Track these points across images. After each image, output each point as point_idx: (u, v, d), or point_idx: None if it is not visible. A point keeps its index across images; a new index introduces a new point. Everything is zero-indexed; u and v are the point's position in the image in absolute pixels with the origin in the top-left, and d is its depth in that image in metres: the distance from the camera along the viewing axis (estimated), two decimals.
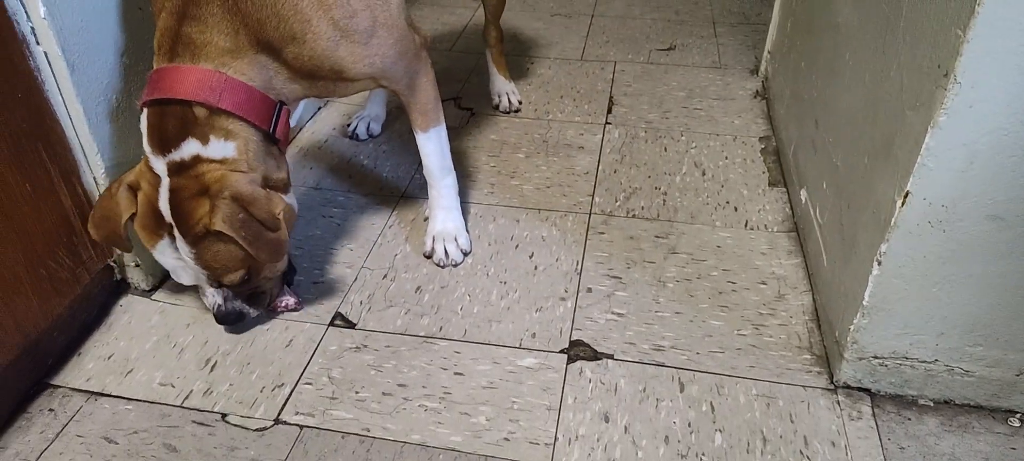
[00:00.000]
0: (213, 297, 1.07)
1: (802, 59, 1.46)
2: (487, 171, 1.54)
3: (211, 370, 1.08)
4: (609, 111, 1.77)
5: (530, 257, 1.29)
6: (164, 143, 0.95)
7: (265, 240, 0.97)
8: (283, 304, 1.16)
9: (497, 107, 1.77)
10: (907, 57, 0.88)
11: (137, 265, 1.18)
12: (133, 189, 0.99)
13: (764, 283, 1.22)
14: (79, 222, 1.08)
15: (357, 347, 1.11)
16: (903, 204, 0.85)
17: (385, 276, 1.26)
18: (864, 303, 0.94)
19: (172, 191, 0.94)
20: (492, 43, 1.75)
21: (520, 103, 1.78)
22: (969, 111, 0.76)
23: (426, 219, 1.31)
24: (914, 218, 0.86)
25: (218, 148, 0.95)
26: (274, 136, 1.01)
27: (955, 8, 0.75)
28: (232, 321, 1.09)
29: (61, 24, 0.96)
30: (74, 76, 1.00)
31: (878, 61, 0.98)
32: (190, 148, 0.94)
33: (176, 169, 0.95)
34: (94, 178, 1.09)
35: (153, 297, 1.21)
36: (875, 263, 0.91)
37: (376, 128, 1.69)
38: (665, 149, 1.61)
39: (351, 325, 1.15)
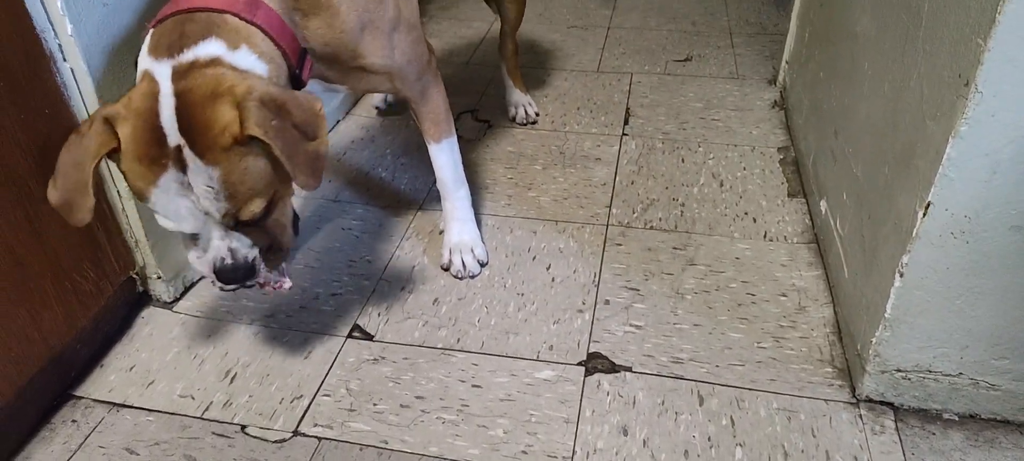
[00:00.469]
0: (218, 247, 0.86)
1: (820, 69, 1.45)
2: (504, 183, 1.54)
3: (231, 382, 1.09)
4: (626, 122, 1.77)
5: (547, 269, 1.29)
6: (173, 46, 0.81)
7: (304, 150, 0.82)
8: (276, 284, 0.98)
9: (514, 119, 1.77)
10: (927, 66, 0.87)
11: (159, 277, 1.20)
12: (110, 122, 0.80)
13: (784, 295, 1.21)
14: (104, 235, 1.10)
15: (375, 359, 1.12)
16: (924, 215, 0.84)
17: (403, 288, 1.26)
18: (886, 315, 0.93)
19: (178, 96, 0.78)
20: (508, 56, 1.76)
21: (537, 115, 1.79)
22: (991, 120, 0.75)
23: (442, 232, 1.32)
24: (936, 229, 0.84)
25: (246, 58, 0.84)
26: (301, 79, 0.94)
27: (975, 17, 0.75)
28: (242, 276, 0.88)
29: (87, 41, 0.99)
30: (99, 92, 1.02)
31: (897, 70, 0.98)
32: (210, 48, 0.82)
33: (183, 73, 0.80)
34: (117, 191, 1.10)
35: (174, 309, 1.22)
36: (897, 275, 0.89)
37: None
38: (682, 160, 1.60)
39: (369, 337, 1.16)
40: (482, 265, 1.29)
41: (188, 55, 0.81)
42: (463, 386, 1.06)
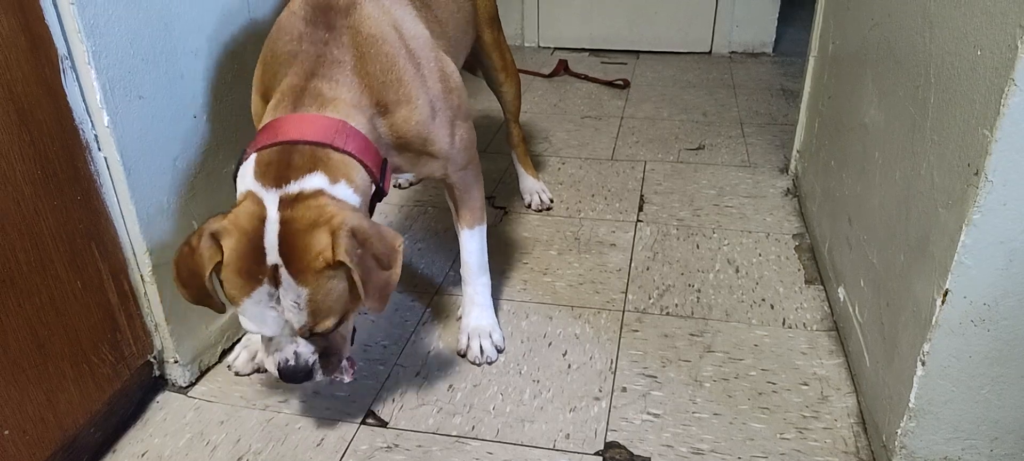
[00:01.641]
0: (286, 350, 0.98)
1: (831, 158, 1.47)
2: (520, 268, 1.56)
3: None
4: (640, 209, 1.79)
5: (563, 355, 1.28)
6: (281, 177, 0.92)
7: (378, 278, 0.93)
8: (339, 379, 1.07)
9: (529, 206, 1.80)
10: (936, 156, 0.88)
11: (176, 361, 1.21)
12: (217, 238, 0.92)
13: (806, 384, 1.19)
14: (124, 318, 1.11)
15: (388, 447, 1.10)
16: (943, 303, 0.83)
17: (417, 373, 1.26)
18: (910, 405, 0.91)
19: (283, 223, 0.90)
20: (516, 143, 1.82)
21: (551, 201, 1.81)
22: (1003, 209, 0.76)
23: (459, 318, 1.32)
24: (956, 317, 0.84)
25: (343, 191, 0.95)
26: (381, 189, 1.03)
27: (980, 109, 0.77)
28: (301, 377, 0.99)
29: (122, 132, 1.03)
30: (130, 179, 1.06)
31: (908, 160, 0.99)
32: (314, 181, 0.92)
33: (289, 203, 0.91)
34: (140, 276, 1.13)
35: (189, 394, 1.22)
36: (919, 363, 0.88)
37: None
38: (697, 246, 1.61)
39: (383, 423, 1.15)
40: (499, 351, 1.29)
41: (294, 187, 0.92)
42: None
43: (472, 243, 1.29)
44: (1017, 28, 0.70)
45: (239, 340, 1.34)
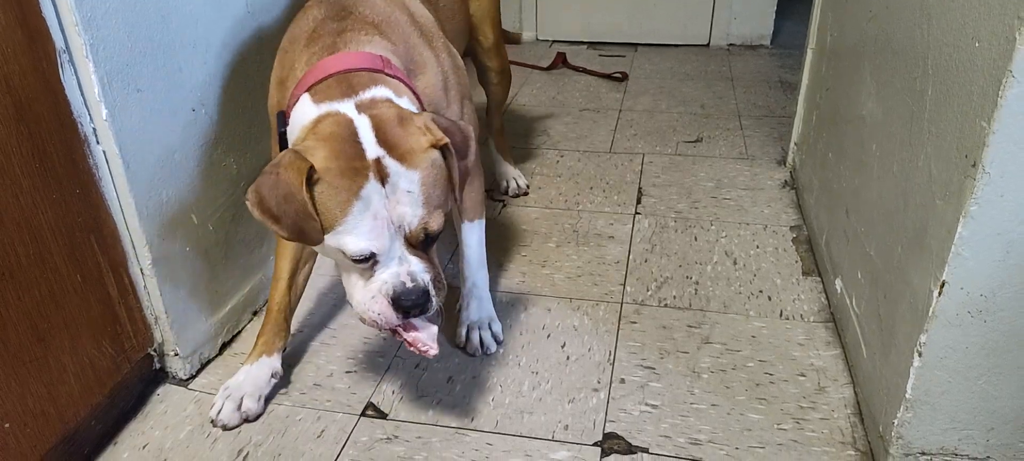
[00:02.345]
0: (397, 272, 0.91)
1: (829, 150, 1.47)
2: (518, 260, 1.56)
3: None
4: (638, 201, 1.79)
5: (562, 347, 1.29)
6: (347, 92, 0.92)
7: (463, 165, 0.95)
8: (425, 347, 0.97)
9: (505, 192, 1.82)
10: (934, 148, 0.89)
11: (177, 354, 1.21)
12: (301, 154, 0.86)
13: (803, 375, 1.20)
14: (124, 311, 1.12)
15: (388, 438, 1.11)
16: (940, 294, 0.84)
17: (417, 366, 1.26)
18: (907, 396, 0.92)
19: (372, 118, 0.89)
20: (496, 131, 1.84)
21: (527, 187, 1.84)
22: (1000, 200, 0.77)
23: (458, 310, 1.33)
24: (953, 308, 0.84)
25: (408, 104, 0.95)
26: None
27: (978, 100, 0.77)
28: (421, 300, 0.92)
29: (121, 125, 1.03)
30: (128, 173, 1.06)
31: (905, 152, 0.99)
32: (381, 91, 0.93)
33: (367, 106, 0.91)
34: (140, 269, 1.13)
35: (190, 386, 1.22)
36: (916, 354, 0.89)
37: None
38: (695, 238, 1.61)
39: (383, 415, 1.15)
40: (498, 343, 1.29)
41: (365, 95, 0.92)
42: None
43: (472, 236, 1.30)
44: (1015, 20, 0.70)
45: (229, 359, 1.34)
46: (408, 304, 0.92)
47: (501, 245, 1.62)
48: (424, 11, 1.17)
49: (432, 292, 0.93)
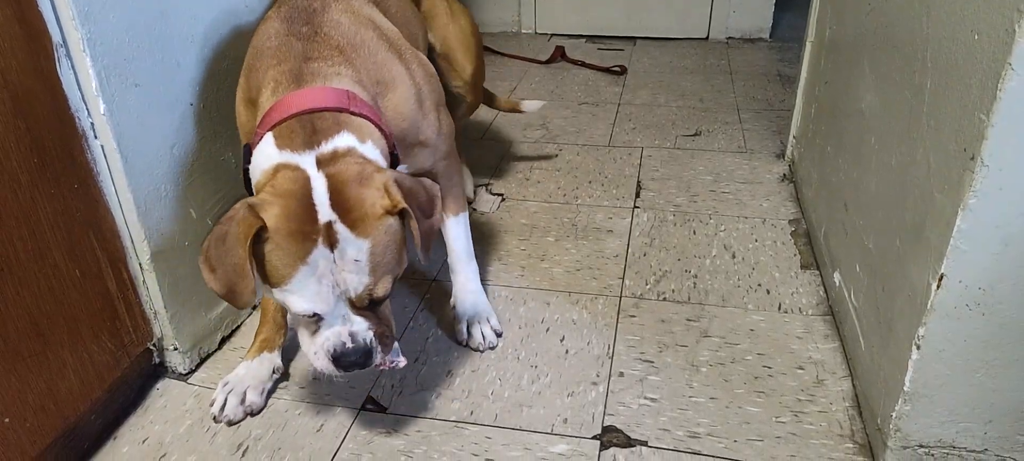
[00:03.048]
0: (339, 331, 0.91)
1: (828, 144, 1.47)
2: (517, 254, 1.56)
3: (243, 455, 1.08)
4: (637, 195, 1.79)
5: (561, 340, 1.29)
6: (310, 141, 0.89)
7: (425, 225, 0.93)
8: (391, 364, 1.01)
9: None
10: (932, 141, 0.89)
11: (176, 348, 1.21)
12: (255, 208, 0.85)
13: (801, 368, 1.20)
14: (123, 306, 1.12)
15: (388, 432, 1.11)
16: (938, 287, 0.84)
17: (416, 360, 1.26)
18: (905, 389, 0.92)
19: (329, 177, 0.87)
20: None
21: (474, 191, 1.79)
22: (999, 193, 0.77)
23: (453, 306, 1.32)
24: (951, 301, 0.84)
25: (371, 151, 0.93)
26: (398, 160, 1.03)
27: (977, 93, 0.77)
28: (361, 361, 0.92)
29: (118, 120, 1.03)
30: (127, 167, 1.06)
31: (904, 145, 1.00)
32: (345, 140, 0.90)
33: (328, 160, 0.88)
34: (139, 264, 1.13)
35: (189, 381, 1.22)
36: (914, 347, 0.89)
37: None
38: (694, 232, 1.62)
39: (382, 409, 1.15)
40: (498, 335, 1.29)
41: (327, 146, 0.89)
42: (477, 460, 1.05)
43: (458, 229, 1.30)
44: (1015, 12, 0.70)
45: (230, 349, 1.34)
46: (346, 363, 0.92)
47: (500, 239, 1.62)
48: (389, 24, 1.13)
49: (375, 350, 0.93)
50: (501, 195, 1.82)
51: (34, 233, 0.95)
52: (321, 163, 0.88)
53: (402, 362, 1.01)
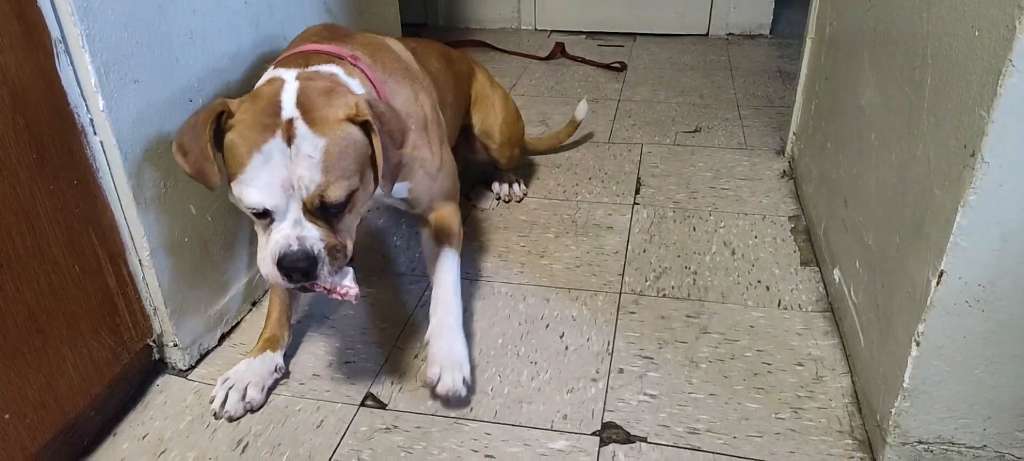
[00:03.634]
0: (287, 234, 0.91)
1: (828, 140, 1.47)
2: (517, 251, 1.56)
3: (243, 451, 1.08)
4: (637, 192, 1.79)
5: (561, 337, 1.29)
6: (300, 64, 1.00)
7: (393, 152, 0.95)
8: (343, 290, 0.99)
9: (498, 197, 1.79)
10: (933, 137, 0.89)
11: (176, 345, 1.21)
12: (226, 102, 0.94)
13: (801, 364, 1.20)
14: (123, 302, 1.12)
15: (388, 428, 1.11)
16: (938, 284, 0.84)
17: (416, 356, 1.26)
18: (905, 385, 0.92)
19: (301, 84, 0.94)
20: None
21: (524, 194, 1.80)
22: (999, 190, 0.77)
23: (427, 342, 1.15)
24: (951, 298, 0.84)
25: (357, 85, 1.01)
26: None
27: (977, 89, 0.77)
28: (303, 265, 0.91)
29: (118, 116, 1.03)
30: (126, 163, 1.05)
31: (904, 141, 0.99)
32: (331, 69, 1.00)
33: (308, 76, 0.97)
34: (139, 260, 1.13)
35: (189, 377, 1.23)
36: (913, 344, 0.89)
37: None
38: (694, 229, 1.62)
39: (382, 405, 1.15)
40: (468, 389, 1.13)
41: (311, 69, 1.00)
42: (476, 456, 1.05)
43: (447, 262, 1.22)
44: (1015, 8, 0.70)
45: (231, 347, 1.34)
46: (289, 266, 0.91)
47: (500, 236, 1.62)
48: (412, 60, 1.25)
49: (321, 260, 0.93)
50: (498, 197, 1.81)
51: (33, 229, 0.95)
52: (301, 77, 0.97)
53: (354, 291, 0.98)
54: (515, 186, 1.77)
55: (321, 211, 0.93)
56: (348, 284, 0.99)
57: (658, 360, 1.22)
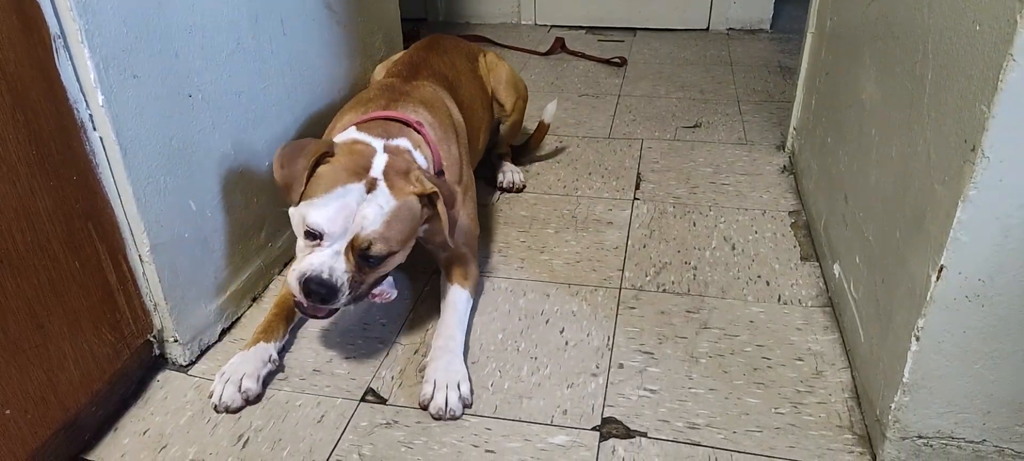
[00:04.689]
0: (325, 261, 1.06)
1: (828, 135, 1.47)
2: (517, 246, 1.56)
3: (243, 446, 1.08)
4: (637, 187, 1.79)
5: (561, 332, 1.29)
6: (382, 134, 1.18)
7: (452, 213, 1.14)
8: (381, 294, 1.17)
9: (501, 186, 1.83)
10: (933, 132, 0.89)
11: (176, 340, 1.21)
12: (332, 145, 1.12)
13: (800, 359, 1.20)
14: (123, 298, 1.12)
15: (388, 423, 1.11)
16: (938, 278, 0.84)
17: (416, 351, 1.26)
18: (904, 380, 0.92)
19: (388, 160, 1.12)
20: (503, 149, 1.90)
21: (524, 183, 1.83)
22: (999, 185, 0.76)
23: (426, 364, 1.17)
24: (950, 293, 0.84)
25: (420, 156, 1.20)
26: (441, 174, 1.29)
27: (978, 84, 0.77)
28: (324, 292, 1.06)
29: (117, 111, 1.02)
30: (126, 159, 1.05)
31: (905, 136, 0.99)
32: (404, 142, 1.19)
33: (392, 149, 1.16)
34: (139, 256, 1.13)
35: (189, 373, 1.23)
36: (913, 339, 0.89)
37: None
38: (694, 224, 1.62)
39: (382, 400, 1.16)
40: (466, 406, 1.12)
41: (392, 142, 1.18)
42: (477, 451, 1.05)
43: (458, 297, 1.28)
44: (1016, 2, 0.70)
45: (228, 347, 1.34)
46: (310, 288, 1.06)
47: (501, 231, 1.62)
48: (458, 115, 1.44)
49: (342, 290, 1.07)
50: (500, 187, 1.81)
51: (33, 225, 0.95)
52: (387, 149, 1.15)
53: (393, 294, 1.20)
54: (516, 176, 1.79)
55: (361, 255, 1.08)
56: (388, 288, 1.18)
57: (658, 355, 1.22)
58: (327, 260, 1.06)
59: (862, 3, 1.28)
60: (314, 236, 1.07)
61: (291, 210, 1.12)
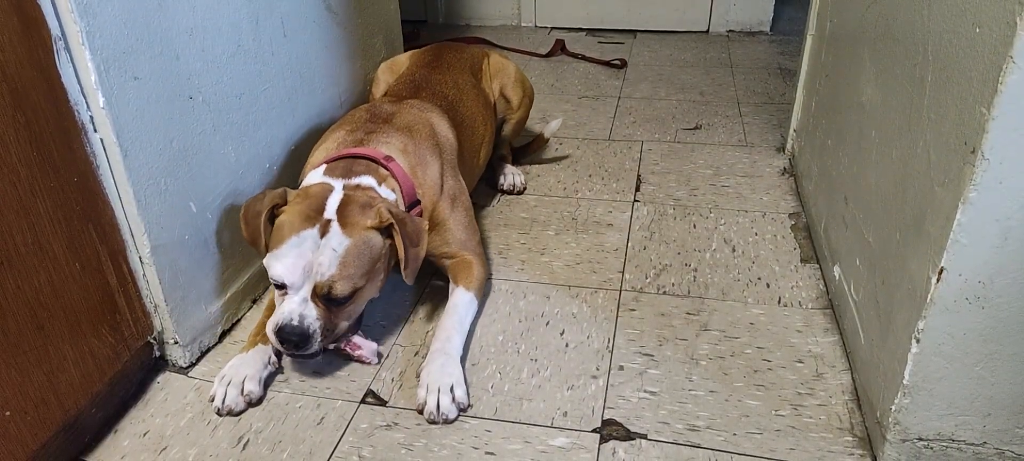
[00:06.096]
0: (292, 309, 1.09)
1: (828, 137, 1.47)
2: (517, 248, 1.56)
3: (243, 448, 1.08)
4: (637, 189, 1.79)
5: (561, 334, 1.29)
6: (346, 174, 1.19)
7: (411, 252, 1.14)
8: (358, 352, 1.21)
9: (502, 188, 1.84)
10: (933, 134, 0.89)
11: (176, 342, 1.21)
12: (284, 194, 1.16)
13: (801, 361, 1.20)
14: (123, 300, 1.12)
15: (388, 425, 1.11)
16: (938, 280, 0.84)
17: (417, 353, 1.26)
18: (905, 382, 0.92)
19: (345, 194, 1.15)
20: (506, 149, 1.90)
21: (524, 185, 1.83)
22: (999, 187, 0.77)
23: (422, 368, 1.17)
24: (951, 295, 0.84)
25: (386, 191, 1.21)
26: (418, 203, 1.29)
27: (978, 87, 0.77)
28: (297, 338, 1.09)
29: (118, 113, 1.03)
30: (126, 161, 1.05)
31: (905, 138, 0.99)
32: (368, 180, 1.19)
33: (352, 188, 1.17)
34: (139, 257, 1.13)
35: (190, 374, 1.23)
36: (913, 341, 0.89)
37: None
38: (694, 226, 1.62)
39: (382, 402, 1.16)
40: (462, 410, 1.12)
41: (354, 181, 1.19)
42: (477, 453, 1.05)
43: (462, 299, 1.28)
44: (1016, 4, 0.70)
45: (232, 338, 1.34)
46: (284, 337, 1.10)
47: (501, 233, 1.62)
48: (449, 136, 1.44)
49: (314, 336, 1.10)
50: (501, 189, 1.81)
51: (33, 226, 0.95)
52: (346, 187, 1.17)
53: (368, 353, 1.21)
54: (516, 178, 1.79)
55: (326, 299, 1.11)
56: (363, 350, 1.21)
57: (658, 357, 1.22)
58: (296, 308, 1.10)
59: (862, 5, 1.28)
60: (280, 286, 1.12)
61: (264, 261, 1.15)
